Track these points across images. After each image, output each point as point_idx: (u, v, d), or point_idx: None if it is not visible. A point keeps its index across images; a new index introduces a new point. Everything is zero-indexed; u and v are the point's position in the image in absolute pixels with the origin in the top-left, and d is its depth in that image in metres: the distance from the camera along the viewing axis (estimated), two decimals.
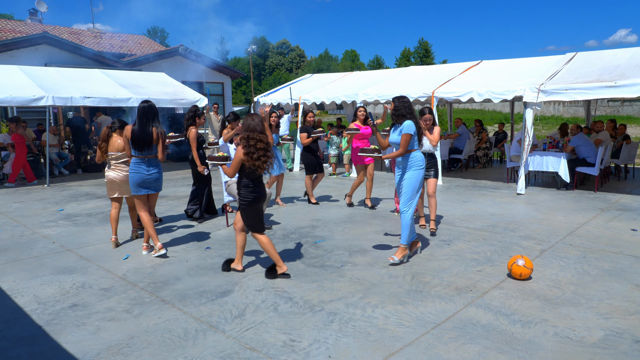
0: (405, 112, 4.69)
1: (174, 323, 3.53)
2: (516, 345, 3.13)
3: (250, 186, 4.30)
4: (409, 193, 4.72)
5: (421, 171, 4.77)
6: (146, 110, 4.99)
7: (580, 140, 8.83)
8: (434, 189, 5.87)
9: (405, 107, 4.71)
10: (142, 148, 4.99)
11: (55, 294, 4.12)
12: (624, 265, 4.65)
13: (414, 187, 4.72)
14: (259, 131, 4.22)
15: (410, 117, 4.70)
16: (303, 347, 3.15)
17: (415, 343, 3.19)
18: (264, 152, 4.22)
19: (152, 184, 5.09)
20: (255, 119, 4.26)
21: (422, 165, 4.78)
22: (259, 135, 4.21)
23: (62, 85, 10.73)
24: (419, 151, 4.79)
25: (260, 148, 4.19)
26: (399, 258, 4.72)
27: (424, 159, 4.84)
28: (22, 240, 5.88)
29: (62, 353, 3.12)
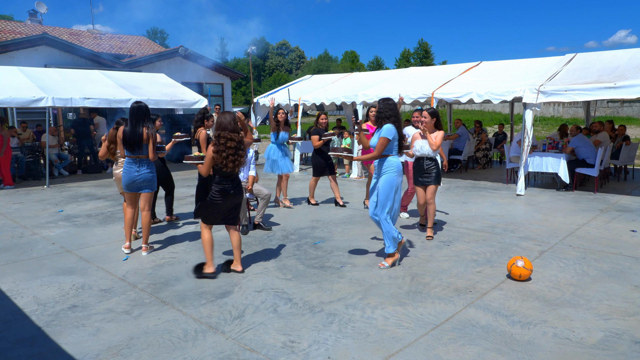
0: (388, 115, 4.54)
1: (174, 324, 3.53)
2: (515, 346, 3.14)
3: (222, 183, 4.34)
4: (381, 199, 4.55)
5: (395, 177, 4.54)
6: (136, 110, 5.03)
7: (580, 141, 8.84)
8: (431, 196, 5.64)
9: (388, 109, 4.56)
10: (133, 148, 5.04)
11: (55, 295, 4.12)
12: (624, 266, 4.65)
13: (386, 194, 4.54)
14: (230, 130, 4.26)
15: (393, 120, 4.54)
16: (302, 348, 3.15)
17: (415, 344, 3.19)
18: (234, 151, 4.26)
19: (142, 184, 5.14)
20: (227, 117, 4.30)
21: (397, 171, 4.55)
22: (229, 134, 4.25)
23: (62, 86, 10.73)
24: (396, 156, 4.61)
25: (230, 147, 4.23)
26: (389, 264, 4.68)
27: (400, 166, 4.61)
28: (21, 241, 5.88)
29: (61, 354, 3.12)
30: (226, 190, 4.35)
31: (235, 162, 4.29)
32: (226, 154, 4.22)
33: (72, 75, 11.92)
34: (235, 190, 4.43)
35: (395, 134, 4.54)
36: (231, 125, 4.27)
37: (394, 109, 4.60)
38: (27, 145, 11.37)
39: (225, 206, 4.41)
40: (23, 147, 11.06)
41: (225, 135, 4.23)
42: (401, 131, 4.65)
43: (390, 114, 4.56)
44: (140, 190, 5.17)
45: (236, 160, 4.29)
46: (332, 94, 11.93)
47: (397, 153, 4.65)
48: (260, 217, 6.24)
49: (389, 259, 4.71)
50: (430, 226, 5.74)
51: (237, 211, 4.57)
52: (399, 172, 4.59)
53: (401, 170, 4.64)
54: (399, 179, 4.61)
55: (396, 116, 4.58)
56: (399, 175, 4.60)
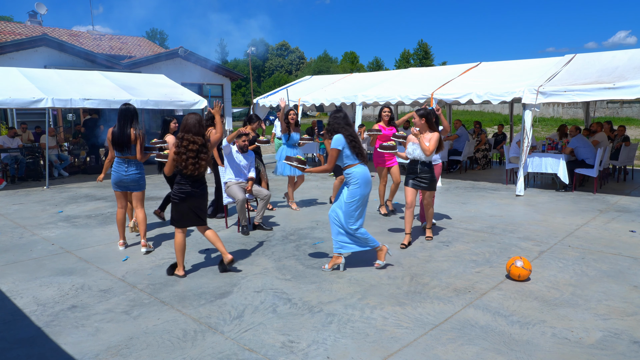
0: (337, 128, 4.42)
1: (173, 324, 3.53)
2: (514, 346, 3.14)
3: (181, 183, 4.36)
4: (347, 212, 4.40)
5: (360, 189, 4.38)
6: (124, 112, 5.14)
7: (579, 141, 8.85)
8: (430, 201, 5.55)
9: (336, 123, 4.45)
10: (121, 149, 5.16)
11: (55, 295, 4.13)
12: (623, 266, 4.66)
13: (349, 207, 4.39)
14: (194, 132, 4.28)
15: (343, 130, 4.40)
16: (301, 348, 3.16)
17: (414, 344, 3.20)
18: (194, 154, 4.28)
19: (130, 183, 5.26)
20: (192, 119, 4.31)
21: (360, 182, 4.38)
22: (192, 137, 4.27)
23: (62, 87, 10.74)
24: (360, 167, 4.42)
25: (191, 149, 4.26)
26: (383, 262, 4.68)
27: (365, 176, 4.42)
28: (21, 242, 5.88)
29: (61, 354, 3.13)
30: (185, 191, 4.35)
31: (195, 164, 4.29)
32: (186, 156, 4.25)
33: (72, 76, 11.93)
34: (197, 190, 4.39)
35: (345, 143, 4.37)
36: (195, 127, 4.28)
37: (343, 120, 4.46)
38: (27, 146, 11.38)
39: (187, 207, 4.38)
40: (23, 148, 11.06)
41: (188, 137, 4.27)
42: (353, 139, 4.42)
43: (338, 127, 4.42)
44: (128, 190, 5.30)
45: (197, 163, 4.30)
46: (332, 95, 11.94)
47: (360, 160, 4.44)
48: (260, 218, 6.24)
49: (380, 255, 4.68)
50: (429, 227, 5.74)
51: (203, 213, 4.52)
52: (363, 183, 4.40)
53: (367, 181, 4.44)
54: (365, 190, 4.42)
55: (346, 126, 4.43)
56: (364, 187, 4.41)
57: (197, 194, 4.40)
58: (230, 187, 6.08)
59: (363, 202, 4.47)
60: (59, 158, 11.75)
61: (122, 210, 5.43)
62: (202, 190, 4.46)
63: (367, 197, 4.51)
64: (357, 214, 4.46)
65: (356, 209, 4.44)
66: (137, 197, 5.35)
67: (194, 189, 4.37)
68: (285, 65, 67.45)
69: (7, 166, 10.77)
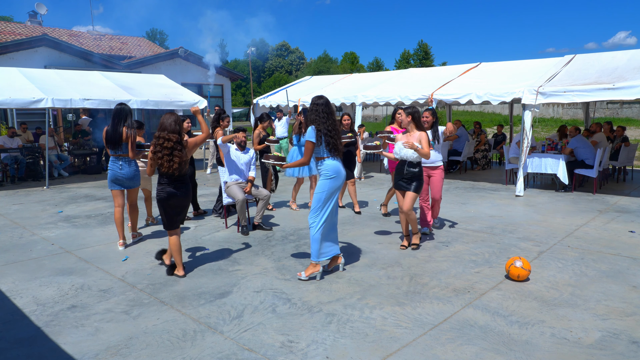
0: (315, 119, 4.27)
1: (173, 324, 3.54)
2: (513, 346, 3.15)
3: (162, 183, 4.41)
4: (315, 204, 4.31)
5: (330, 181, 4.25)
6: (118, 112, 5.34)
7: (579, 142, 8.85)
8: (409, 206, 5.08)
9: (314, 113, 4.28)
10: (114, 147, 5.35)
11: (54, 295, 4.13)
12: (622, 266, 4.66)
13: (320, 198, 4.27)
14: (169, 131, 4.32)
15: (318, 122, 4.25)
16: (301, 348, 3.16)
17: (413, 344, 3.20)
18: (169, 152, 4.30)
19: (125, 181, 5.47)
20: (169, 118, 4.36)
21: (333, 175, 4.26)
22: (167, 135, 4.31)
23: (62, 87, 10.74)
24: (331, 159, 4.29)
25: (166, 147, 4.29)
26: (306, 275, 4.36)
27: (336, 169, 4.28)
28: (21, 241, 5.88)
29: (60, 354, 3.13)
30: (164, 190, 4.40)
31: (170, 162, 4.30)
32: (161, 154, 4.30)
33: (72, 76, 11.93)
34: (176, 191, 4.41)
35: (316, 136, 4.25)
36: (171, 126, 4.33)
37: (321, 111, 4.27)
38: (27, 146, 11.38)
39: (172, 206, 4.44)
40: (23, 149, 11.07)
41: (163, 135, 4.31)
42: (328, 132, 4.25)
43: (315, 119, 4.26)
44: (124, 187, 5.51)
45: (171, 160, 4.30)
46: (332, 95, 11.94)
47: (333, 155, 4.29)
48: (260, 218, 6.25)
49: (309, 268, 4.40)
50: (415, 232, 5.32)
51: (180, 214, 4.54)
52: (335, 175, 4.28)
53: (339, 173, 4.30)
54: (336, 183, 4.29)
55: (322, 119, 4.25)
56: (336, 180, 4.29)
57: (177, 194, 4.43)
58: (230, 187, 6.09)
59: (331, 196, 4.31)
60: (58, 158, 11.75)
61: (119, 209, 5.51)
62: (182, 191, 4.46)
63: (336, 191, 4.34)
64: (321, 206, 4.29)
65: (323, 202, 4.29)
66: (135, 193, 5.65)
67: (174, 189, 4.41)
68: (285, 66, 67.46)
69: (7, 166, 10.77)
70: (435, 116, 5.78)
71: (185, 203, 4.54)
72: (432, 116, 5.76)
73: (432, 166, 5.73)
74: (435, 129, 5.69)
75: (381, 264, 4.83)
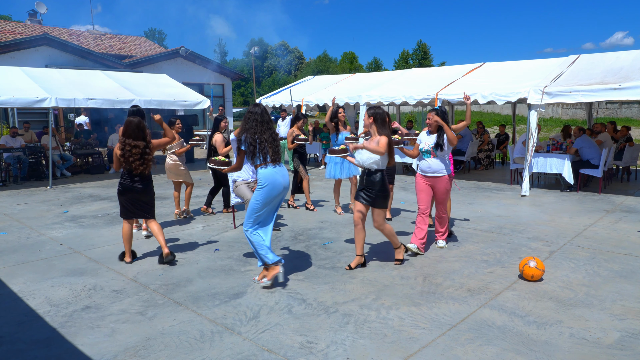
0: (247, 127, 4.14)
1: (189, 325, 3.52)
2: (533, 347, 3.14)
3: (123, 177, 4.85)
4: (246, 213, 4.21)
5: (262, 191, 4.08)
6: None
7: (585, 142, 8.87)
8: (379, 222, 4.59)
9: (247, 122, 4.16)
10: None
11: (67, 296, 4.11)
12: (634, 266, 4.67)
13: (252, 208, 4.13)
14: (133, 137, 4.73)
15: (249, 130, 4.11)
16: (321, 348, 3.15)
17: (433, 345, 3.20)
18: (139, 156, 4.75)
19: None
20: (132, 124, 4.73)
21: (264, 184, 4.08)
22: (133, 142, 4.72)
23: (65, 86, 10.70)
24: (263, 168, 4.11)
25: (135, 153, 4.72)
26: (268, 279, 4.19)
27: (270, 178, 4.08)
28: (29, 242, 5.85)
29: (79, 355, 3.11)
30: (126, 185, 4.83)
31: (143, 164, 4.80)
32: (133, 158, 4.75)
33: (75, 75, 11.89)
34: (138, 185, 4.82)
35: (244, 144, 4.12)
36: (134, 132, 4.73)
37: (258, 116, 4.17)
38: (30, 146, 11.33)
39: (128, 199, 4.86)
40: (25, 148, 11.02)
41: (129, 142, 4.73)
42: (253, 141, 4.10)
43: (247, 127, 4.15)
44: None
45: (143, 162, 4.80)
46: (336, 95, 11.92)
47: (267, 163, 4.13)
48: None
49: (269, 272, 4.21)
50: (397, 247, 4.81)
51: (146, 207, 4.95)
52: (267, 184, 4.08)
53: (273, 183, 4.09)
54: (270, 193, 4.10)
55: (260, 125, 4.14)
56: (269, 190, 4.09)
57: (137, 189, 4.83)
58: (238, 186, 6.06)
59: (264, 206, 4.14)
60: (61, 158, 11.71)
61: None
62: (143, 185, 4.86)
63: (273, 202, 4.18)
64: (256, 217, 4.16)
65: (257, 212, 4.14)
66: None
67: (133, 184, 4.81)
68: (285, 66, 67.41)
69: (10, 166, 10.72)
70: (443, 118, 5.02)
71: (143, 198, 4.91)
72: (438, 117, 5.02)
73: (434, 176, 5.06)
74: (441, 132, 5.02)
75: (392, 264, 4.82)
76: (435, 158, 5.04)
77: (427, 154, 5.08)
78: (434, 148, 5.03)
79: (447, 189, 5.12)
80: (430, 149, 5.05)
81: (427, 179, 5.12)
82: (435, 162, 5.04)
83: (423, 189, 5.17)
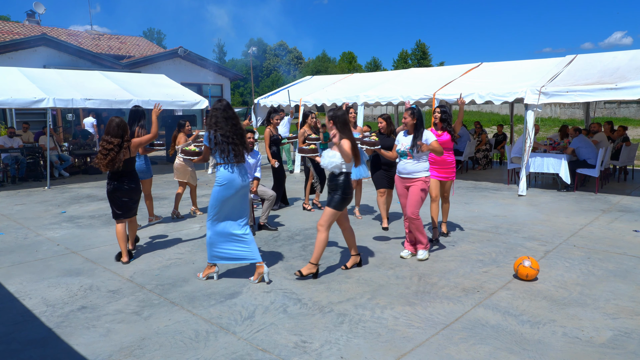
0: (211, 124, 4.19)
1: (185, 325, 3.53)
2: (526, 346, 3.16)
3: (110, 179, 4.94)
4: (208, 209, 4.27)
5: (218, 189, 4.16)
6: (133, 113, 6.32)
7: (581, 142, 8.89)
8: (320, 222, 4.37)
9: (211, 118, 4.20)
10: None
11: (63, 296, 4.12)
12: (628, 266, 4.69)
13: (211, 204, 4.22)
14: (112, 135, 4.80)
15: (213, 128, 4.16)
16: (315, 348, 3.17)
17: (426, 344, 3.21)
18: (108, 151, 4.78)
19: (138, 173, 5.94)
20: (114, 122, 4.83)
21: (222, 182, 4.15)
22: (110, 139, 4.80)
23: (63, 87, 10.70)
24: (223, 166, 4.18)
25: (111, 149, 4.77)
26: (203, 275, 4.42)
27: (228, 178, 4.15)
28: (26, 242, 5.86)
29: (74, 355, 3.13)
30: (112, 185, 4.92)
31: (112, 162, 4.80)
32: (102, 154, 4.80)
33: (73, 76, 11.89)
34: (123, 185, 4.90)
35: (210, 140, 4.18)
36: (114, 130, 4.81)
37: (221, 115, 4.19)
38: (28, 146, 11.34)
39: (115, 198, 4.95)
40: (23, 149, 11.02)
41: (107, 139, 4.82)
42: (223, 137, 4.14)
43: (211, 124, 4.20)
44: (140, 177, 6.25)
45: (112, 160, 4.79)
46: (333, 95, 11.94)
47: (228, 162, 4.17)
48: (266, 218, 6.25)
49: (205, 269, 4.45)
50: (313, 261, 4.41)
51: (129, 205, 5.00)
52: (225, 183, 4.15)
53: (230, 182, 4.16)
54: (225, 192, 4.16)
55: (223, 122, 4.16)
56: (225, 189, 4.16)
57: (125, 188, 4.93)
58: None
59: (220, 203, 4.20)
60: (59, 158, 11.71)
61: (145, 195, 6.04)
62: (131, 186, 4.96)
63: (227, 201, 4.21)
64: (214, 214, 4.23)
65: (213, 208, 4.22)
66: (144, 184, 6.27)
67: (121, 184, 4.92)
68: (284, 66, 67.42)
69: (8, 166, 10.72)
70: (418, 118, 4.83)
71: (130, 196, 4.98)
72: (411, 118, 4.83)
73: (408, 178, 4.85)
74: (417, 134, 4.79)
75: (389, 263, 4.84)
76: (411, 159, 4.83)
77: (404, 156, 4.88)
78: (410, 149, 4.82)
79: (420, 191, 4.78)
80: (406, 150, 4.85)
81: (403, 181, 4.94)
82: (410, 164, 4.82)
83: (402, 193, 4.99)
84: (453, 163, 5.58)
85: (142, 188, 5.97)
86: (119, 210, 4.98)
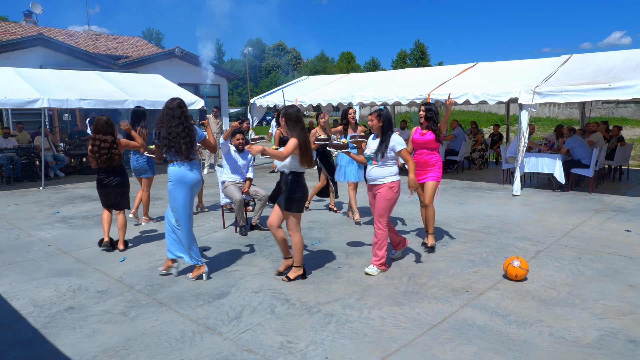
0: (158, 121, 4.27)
1: (171, 325, 3.53)
2: (512, 346, 3.15)
3: (99, 174, 5.25)
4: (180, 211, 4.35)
5: (170, 185, 4.33)
6: (135, 113, 6.54)
7: (576, 141, 8.89)
8: (270, 221, 4.38)
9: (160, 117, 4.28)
10: None
11: (52, 297, 4.11)
12: (618, 266, 4.69)
13: (170, 204, 4.38)
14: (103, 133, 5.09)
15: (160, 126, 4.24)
16: (300, 348, 3.16)
17: (412, 344, 3.21)
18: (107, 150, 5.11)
19: (140, 170, 6.56)
20: (102, 121, 5.08)
21: (171, 179, 4.31)
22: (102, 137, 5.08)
23: (58, 87, 10.69)
24: (173, 164, 4.31)
25: (103, 147, 5.08)
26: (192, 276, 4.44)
27: (178, 175, 4.28)
28: (17, 243, 5.85)
29: (58, 356, 3.12)
30: (101, 179, 5.24)
31: (109, 159, 5.14)
32: (99, 153, 5.10)
33: (68, 76, 11.88)
34: (112, 180, 5.22)
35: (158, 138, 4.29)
36: (104, 128, 5.08)
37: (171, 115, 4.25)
38: (23, 146, 11.32)
39: (104, 193, 5.27)
40: (18, 149, 11.01)
41: (99, 137, 5.08)
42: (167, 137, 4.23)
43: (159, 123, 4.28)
44: (140, 175, 6.58)
45: (110, 157, 5.14)
46: (329, 95, 11.95)
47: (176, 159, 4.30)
48: (258, 218, 6.24)
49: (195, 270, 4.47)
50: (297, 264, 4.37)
51: (119, 199, 5.34)
52: (175, 181, 4.30)
53: (180, 179, 4.28)
54: (176, 189, 4.30)
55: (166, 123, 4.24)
56: (175, 185, 4.30)
57: (113, 183, 5.24)
58: (227, 187, 6.08)
59: (172, 201, 4.35)
60: (55, 159, 11.70)
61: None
62: (118, 180, 5.25)
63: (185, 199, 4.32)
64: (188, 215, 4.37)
65: (174, 207, 4.36)
66: (146, 181, 6.60)
67: (108, 179, 5.22)
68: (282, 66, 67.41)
69: (3, 167, 10.71)
70: (385, 120, 4.47)
71: (118, 190, 5.29)
72: (377, 120, 4.48)
73: (374, 184, 4.50)
74: (385, 137, 4.43)
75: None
76: (376, 165, 4.47)
77: (370, 160, 4.54)
78: (374, 154, 4.47)
79: (387, 198, 4.40)
80: (372, 155, 4.50)
81: (370, 188, 4.60)
82: (375, 169, 4.47)
83: (371, 202, 4.67)
84: (438, 163, 5.16)
85: (142, 186, 6.60)
86: (109, 202, 5.34)
